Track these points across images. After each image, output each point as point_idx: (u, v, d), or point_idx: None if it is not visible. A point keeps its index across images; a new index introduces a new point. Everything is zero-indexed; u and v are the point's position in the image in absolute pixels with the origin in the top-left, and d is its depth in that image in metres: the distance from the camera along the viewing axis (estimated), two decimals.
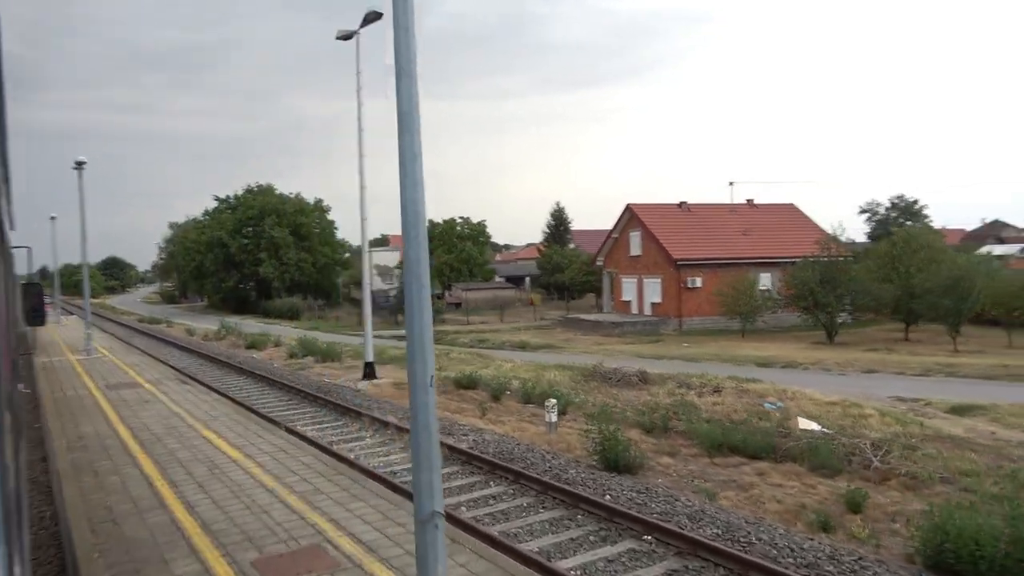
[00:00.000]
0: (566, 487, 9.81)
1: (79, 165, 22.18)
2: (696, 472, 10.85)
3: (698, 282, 43.05)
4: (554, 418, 13.16)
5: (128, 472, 8.80)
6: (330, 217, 77.49)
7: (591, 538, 8.23)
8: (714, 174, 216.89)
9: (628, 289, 48.91)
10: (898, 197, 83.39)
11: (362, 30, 20.83)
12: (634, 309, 47.75)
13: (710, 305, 42.99)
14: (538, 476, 10.35)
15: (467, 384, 18.03)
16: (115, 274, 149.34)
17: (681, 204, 48.71)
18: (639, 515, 8.59)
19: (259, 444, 10.07)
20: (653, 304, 45.78)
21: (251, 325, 53.86)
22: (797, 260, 42.30)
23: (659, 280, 45.06)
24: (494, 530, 8.49)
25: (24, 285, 9.63)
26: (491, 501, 9.70)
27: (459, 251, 79.70)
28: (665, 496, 9.45)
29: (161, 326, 48.66)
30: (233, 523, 6.80)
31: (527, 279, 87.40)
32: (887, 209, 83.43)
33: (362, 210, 21.17)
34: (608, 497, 9.46)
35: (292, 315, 64.67)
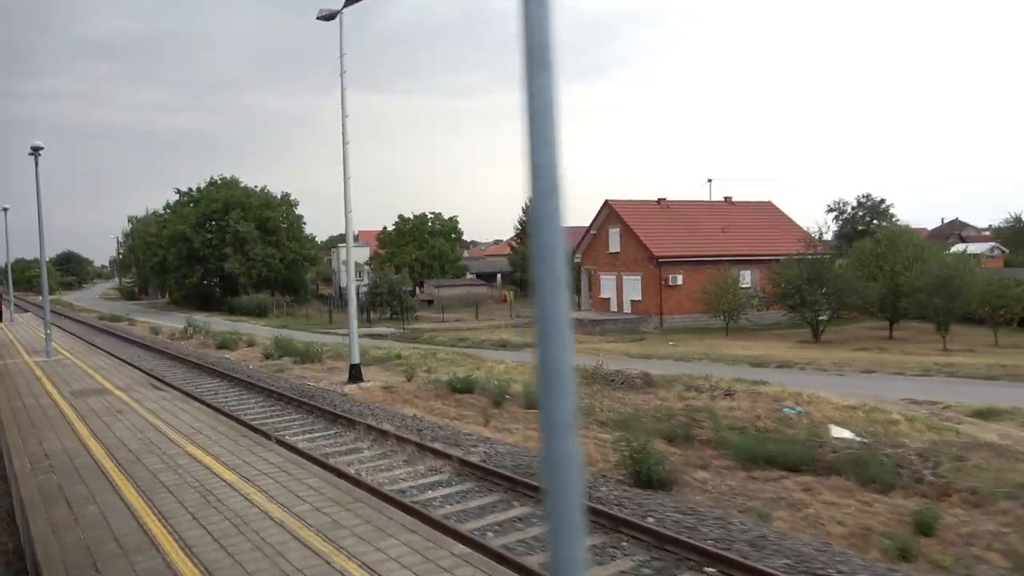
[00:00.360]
0: (601, 507, 8.84)
1: (35, 151, 20.47)
2: (736, 488, 9.97)
3: (679, 279, 42.51)
4: None
5: (107, 500, 7.57)
6: (298, 212, 75.44)
7: (645, 571, 7.26)
8: (687, 172, 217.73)
9: (607, 286, 48.21)
10: (865, 196, 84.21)
11: (345, 10, 19.56)
12: (613, 307, 47.07)
13: (691, 303, 42.49)
14: None
15: (463, 388, 16.95)
16: (71, 269, 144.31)
17: (660, 201, 48.14)
18: (694, 542, 7.65)
19: (254, 462, 8.89)
20: (633, 302, 45.13)
21: (218, 323, 51.96)
22: (777, 258, 42.15)
23: (639, 277, 44.43)
24: (531, 561, 7.48)
25: None
26: (518, 524, 8.68)
27: (430, 247, 78.29)
28: (714, 518, 8.53)
29: (123, 324, 46.53)
30: (244, 570, 5.67)
31: (499, 276, 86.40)
32: (854, 208, 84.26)
33: (346, 202, 19.95)
34: (651, 520, 8.51)
35: (260, 312, 62.68)
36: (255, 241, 68.83)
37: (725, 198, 50.76)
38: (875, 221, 79.14)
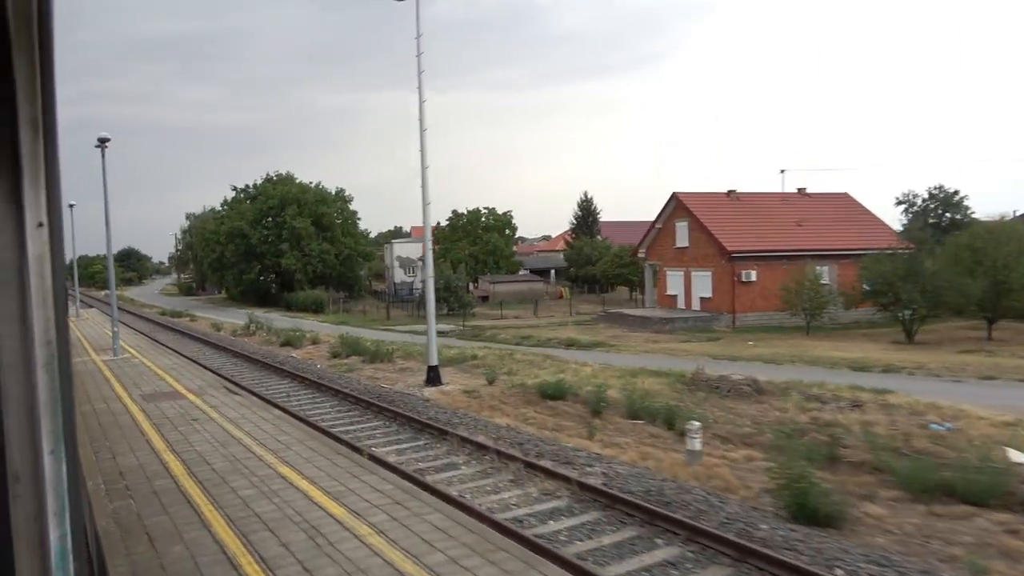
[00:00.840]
0: (769, 552, 7.31)
1: (102, 143, 19.72)
2: (923, 528, 8.32)
3: (752, 275, 40.38)
4: (698, 445, 10.66)
5: (195, 538, 6.36)
6: (351, 207, 75.09)
7: None
8: (753, 164, 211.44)
9: (674, 283, 46.28)
10: (937, 187, 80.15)
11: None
12: (680, 304, 45.15)
13: (765, 300, 40.36)
14: (718, 532, 7.86)
15: (554, 393, 15.55)
16: (131, 265, 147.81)
17: (730, 193, 45.96)
18: None
19: (358, 489, 7.62)
20: (702, 299, 43.14)
21: (277, 319, 51.68)
22: (856, 253, 39.82)
23: (710, 273, 42.39)
24: None
25: None
26: (672, 573, 7.22)
27: (484, 242, 77.18)
28: (919, 572, 6.92)
29: (184, 320, 46.48)
30: None
31: (552, 272, 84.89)
32: (925, 200, 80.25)
33: (424, 194, 18.69)
34: (842, 572, 6.95)
35: (316, 308, 62.45)
36: (311, 237, 68.70)
37: (798, 190, 48.23)
38: (947, 214, 75.23)
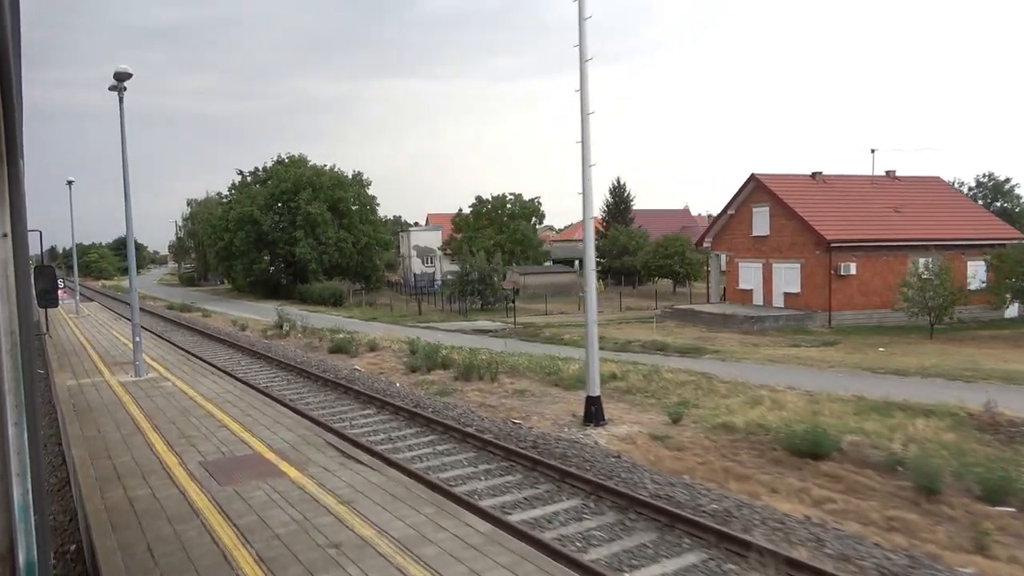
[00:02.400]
0: None
1: (119, 80, 13.94)
2: None
3: (852, 268, 35.26)
4: None
5: None
6: (370, 192, 69.52)
7: None
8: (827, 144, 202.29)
9: (748, 276, 41.11)
10: (986, 175, 75.15)
11: None
12: (757, 300, 40.01)
13: (864, 297, 35.37)
14: None
15: (812, 449, 10.32)
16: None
17: (815, 175, 40.74)
18: None
19: None
20: (787, 295, 37.98)
21: (296, 313, 46.45)
22: (961, 243, 35.15)
23: (798, 266, 37.23)
24: None
25: (36, 268, 10.20)
26: None
27: (511, 230, 71.86)
28: None
29: (196, 316, 41.13)
30: None
31: (578, 263, 79.62)
32: (972, 188, 75.13)
33: (585, 183, 13.32)
34: None
35: (335, 301, 57.12)
36: (327, 224, 63.25)
37: (887, 172, 43.00)
38: (998, 202, 70.44)
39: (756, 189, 40.08)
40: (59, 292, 39.30)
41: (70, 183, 30.88)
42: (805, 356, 25.37)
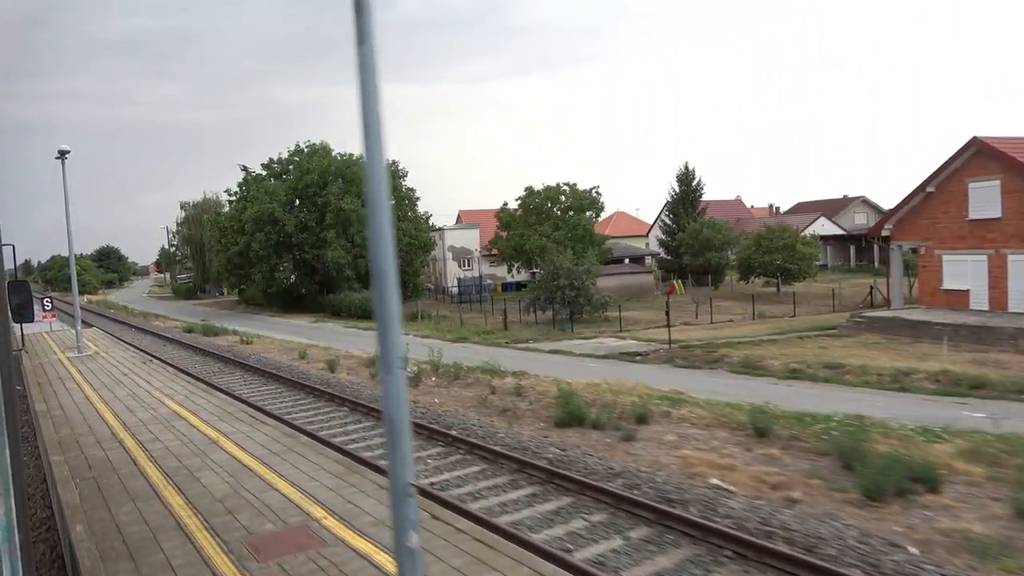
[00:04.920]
0: None
1: (62, 155, 17.72)
2: None
3: None
4: None
5: None
6: (407, 184, 59.04)
7: None
8: None
9: (960, 271, 31.35)
10: None
11: None
12: (977, 303, 30.31)
13: None
14: None
15: None
16: (111, 266, 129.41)
17: None
18: None
19: None
20: None
21: (340, 332, 36.27)
22: None
23: None
24: None
25: (11, 283, 10.20)
26: None
27: (571, 225, 61.77)
28: None
29: (229, 340, 30.62)
30: None
31: (648, 259, 69.78)
32: None
33: None
34: None
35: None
36: (361, 222, 52.65)
37: None
38: None
39: (976, 157, 30.35)
40: (49, 316, 28.73)
41: (64, 155, 20.36)
42: None
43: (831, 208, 77.56)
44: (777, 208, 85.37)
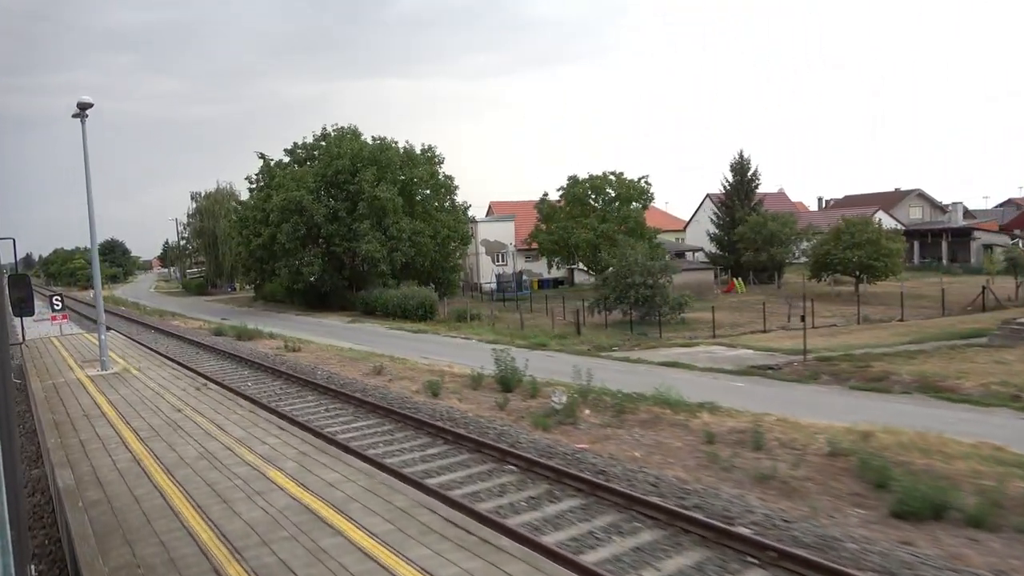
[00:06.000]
0: None
1: (81, 110, 14.90)
2: None
3: None
4: None
5: None
6: (445, 171, 53.88)
7: None
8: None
9: None
10: None
11: None
12: None
13: None
14: None
15: None
16: (116, 260, 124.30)
17: None
18: None
19: None
20: None
21: (387, 335, 31.54)
22: None
23: None
24: None
25: (11, 276, 10.47)
26: None
27: (621, 217, 56.81)
28: None
29: (272, 345, 25.77)
30: None
31: (697, 254, 64.86)
32: None
33: None
34: None
35: (423, 314, 41.86)
36: (398, 212, 47.89)
37: None
38: None
39: None
40: (59, 317, 23.92)
41: (82, 109, 15.45)
42: None
43: (887, 201, 72.66)
44: (829, 201, 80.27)
